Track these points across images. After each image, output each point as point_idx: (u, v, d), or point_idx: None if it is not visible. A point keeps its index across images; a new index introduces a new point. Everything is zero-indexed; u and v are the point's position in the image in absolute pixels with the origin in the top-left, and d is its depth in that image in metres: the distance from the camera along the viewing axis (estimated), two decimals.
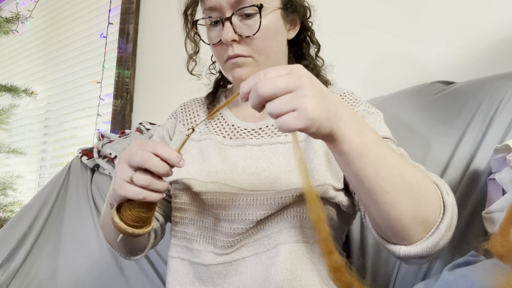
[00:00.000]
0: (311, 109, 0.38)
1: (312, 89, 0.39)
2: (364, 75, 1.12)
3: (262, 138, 0.67)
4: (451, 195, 0.48)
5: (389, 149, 0.46)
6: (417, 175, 0.46)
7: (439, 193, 0.48)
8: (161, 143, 0.49)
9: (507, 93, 0.73)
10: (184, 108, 0.79)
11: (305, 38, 0.74)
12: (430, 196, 0.46)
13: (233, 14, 0.62)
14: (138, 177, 0.48)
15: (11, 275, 1.12)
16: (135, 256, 0.69)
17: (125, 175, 0.48)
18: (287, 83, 0.39)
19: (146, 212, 0.51)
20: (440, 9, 1.01)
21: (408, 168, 0.46)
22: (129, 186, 0.48)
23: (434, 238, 0.46)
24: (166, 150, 0.48)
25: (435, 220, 0.46)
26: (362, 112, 0.65)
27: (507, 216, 0.38)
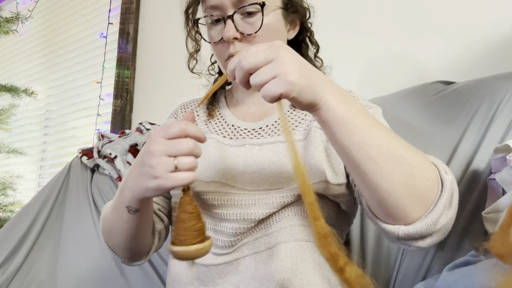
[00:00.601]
0: (290, 73, 0.41)
1: (289, 57, 0.42)
2: (363, 75, 1.12)
3: (262, 137, 0.67)
4: (450, 174, 0.47)
5: (376, 121, 0.46)
6: (408, 148, 0.46)
7: (436, 170, 0.47)
8: (183, 121, 0.48)
9: (507, 93, 0.73)
10: (184, 108, 0.79)
11: (304, 39, 0.74)
12: (425, 169, 0.45)
13: (235, 12, 0.62)
14: (183, 162, 0.46)
15: (11, 275, 1.12)
16: (139, 260, 0.68)
17: (169, 166, 0.46)
18: (266, 54, 0.42)
19: (199, 221, 0.47)
20: (440, 9, 1.01)
21: (398, 141, 0.46)
22: (176, 175, 0.46)
23: (433, 215, 0.45)
24: (194, 128, 0.47)
25: (433, 197, 0.45)
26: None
27: (507, 216, 0.38)
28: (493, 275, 0.34)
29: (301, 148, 0.63)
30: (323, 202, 0.61)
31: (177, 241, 0.46)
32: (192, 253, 0.45)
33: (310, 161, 0.60)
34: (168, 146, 0.46)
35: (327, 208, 0.62)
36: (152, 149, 0.47)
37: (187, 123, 0.47)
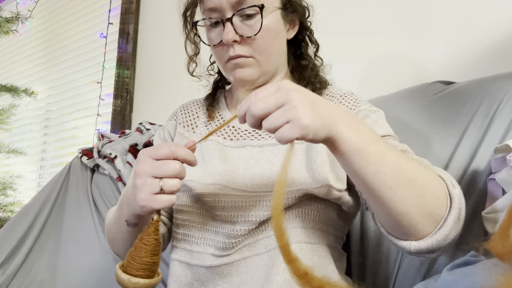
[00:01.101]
0: (304, 118, 0.40)
1: (300, 99, 0.41)
2: (363, 75, 1.12)
3: (263, 139, 0.67)
4: (457, 187, 0.49)
5: (388, 145, 0.46)
6: (419, 169, 0.47)
7: (445, 185, 0.48)
8: (174, 143, 0.49)
9: (507, 93, 0.73)
10: (184, 110, 0.79)
11: (304, 38, 0.74)
12: (435, 188, 0.46)
13: (234, 15, 0.62)
14: (168, 184, 0.47)
15: (11, 275, 1.12)
16: None
17: (154, 188, 0.47)
18: (276, 99, 0.41)
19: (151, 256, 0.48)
20: (440, 9, 1.01)
21: (409, 163, 0.46)
22: (160, 197, 0.47)
23: (443, 231, 0.46)
24: (184, 151, 0.48)
25: (442, 213, 0.46)
26: (364, 112, 0.65)
27: (507, 216, 0.38)
28: (493, 275, 0.34)
29: (303, 152, 0.63)
30: (325, 204, 0.61)
31: (125, 264, 0.47)
32: (127, 285, 0.46)
33: (312, 165, 0.60)
34: (154, 167, 0.47)
35: (328, 210, 0.61)
36: (138, 169, 0.48)
37: (176, 145, 0.48)
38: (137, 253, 0.47)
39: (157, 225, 0.49)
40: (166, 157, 0.47)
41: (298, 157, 0.62)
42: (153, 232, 0.48)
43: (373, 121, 0.64)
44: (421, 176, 0.46)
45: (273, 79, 0.71)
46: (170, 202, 0.48)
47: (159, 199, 0.47)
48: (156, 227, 0.49)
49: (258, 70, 0.65)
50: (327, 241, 0.62)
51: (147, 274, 0.47)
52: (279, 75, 0.72)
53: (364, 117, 0.64)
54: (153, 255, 0.48)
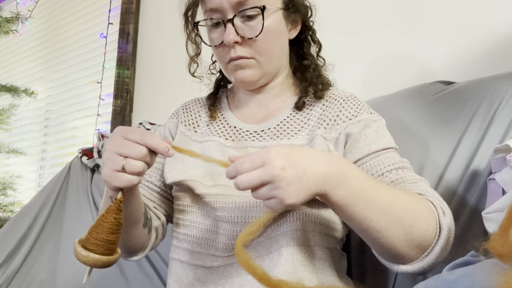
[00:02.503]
0: (288, 198, 0.43)
1: (286, 178, 0.42)
2: (364, 75, 1.12)
3: (264, 140, 0.67)
4: (448, 214, 0.51)
5: (378, 190, 0.48)
6: (409, 207, 0.48)
7: (435, 215, 0.50)
8: (149, 132, 0.49)
9: (507, 93, 0.73)
10: (186, 108, 0.78)
11: (306, 38, 0.74)
12: (424, 222, 0.49)
13: (235, 16, 0.61)
14: (130, 164, 0.47)
15: (11, 275, 1.12)
16: (135, 255, 0.68)
17: (117, 165, 0.47)
18: (261, 178, 0.43)
19: (109, 234, 0.49)
20: (440, 9, 1.01)
21: (399, 203, 0.48)
22: (121, 175, 0.48)
23: (430, 258, 0.49)
24: (154, 139, 0.48)
25: (430, 243, 0.49)
26: (365, 122, 0.64)
27: (507, 216, 0.38)
28: (493, 275, 0.34)
29: None
30: (325, 206, 0.61)
31: (84, 239, 0.48)
32: (79, 257, 0.47)
33: None
34: (121, 145, 0.48)
35: (329, 212, 0.61)
36: (107, 144, 0.49)
37: (150, 134, 0.48)
38: (95, 229, 0.48)
39: (118, 204, 0.49)
40: (136, 142, 0.48)
41: None
42: (113, 210, 0.49)
43: (373, 130, 0.63)
44: (410, 214, 0.48)
45: (275, 79, 0.71)
46: (130, 182, 0.48)
47: (119, 177, 0.48)
48: (117, 206, 0.49)
49: (259, 71, 0.65)
50: (327, 244, 0.62)
51: (101, 250, 0.48)
52: (281, 76, 0.71)
53: (365, 127, 0.63)
54: (110, 233, 0.48)
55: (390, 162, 0.59)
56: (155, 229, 0.69)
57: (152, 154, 0.49)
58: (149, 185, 0.73)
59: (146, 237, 0.67)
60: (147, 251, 0.69)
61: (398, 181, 0.57)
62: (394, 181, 0.57)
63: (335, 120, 0.65)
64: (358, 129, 0.63)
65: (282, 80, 0.72)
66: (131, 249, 0.66)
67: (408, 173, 0.58)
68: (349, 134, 0.63)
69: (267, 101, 0.72)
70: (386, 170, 0.58)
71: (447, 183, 0.74)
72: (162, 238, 0.74)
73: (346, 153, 0.63)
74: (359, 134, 0.62)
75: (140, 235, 0.64)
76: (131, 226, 0.61)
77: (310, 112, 0.68)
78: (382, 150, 0.61)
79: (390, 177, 0.58)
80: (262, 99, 0.72)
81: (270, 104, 0.71)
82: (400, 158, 0.61)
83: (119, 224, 0.49)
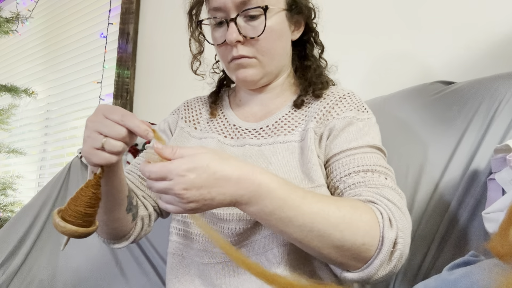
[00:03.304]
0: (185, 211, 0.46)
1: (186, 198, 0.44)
2: (364, 75, 1.12)
3: (262, 138, 0.67)
4: (395, 226, 0.49)
5: (298, 208, 0.47)
6: (339, 222, 0.47)
7: (378, 229, 0.48)
8: (130, 113, 0.49)
9: (507, 93, 0.73)
10: (187, 105, 0.79)
11: (309, 39, 0.74)
12: (359, 237, 0.47)
13: (238, 15, 0.62)
14: (109, 143, 0.48)
15: (11, 275, 1.12)
16: (118, 242, 0.66)
17: (96, 143, 0.48)
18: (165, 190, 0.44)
19: (87, 207, 0.50)
20: (441, 9, 1.01)
21: (325, 219, 0.47)
22: (100, 153, 0.48)
23: (369, 271, 0.48)
24: (134, 121, 0.48)
25: (369, 255, 0.48)
26: (349, 119, 0.63)
27: (507, 216, 0.38)
28: (493, 275, 0.34)
29: (298, 149, 0.63)
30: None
31: (63, 210, 0.50)
32: (56, 226, 0.49)
33: (308, 164, 0.60)
34: (102, 124, 0.48)
35: None
36: (88, 121, 0.49)
37: (131, 116, 0.48)
38: (73, 201, 0.49)
39: (97, 180, 0.50)
40: (116, 122, 0.48)
41: (295, 155, 0.62)
42: (92, 185, 0.50)
43: (357, 128, 0.62)
44: (340, 230, 0.47)
45: (277, 79, 0.71)
46: (108, 161, 0.48)
47: (98, 155, 0.48)
48: (96, 181, 0.50)
49: (260, 71, 0.66)
50: None
51: (78, 222, 0.49)
52: (283, 76, 0.72)
53: (349, 124, 0.62)
54: (87, 206, 0.49)
55: (362, 163, 0.58)
56: (141, 218, 0.68)
57: (132, 135, 0.49)
58: (140, 174, 0.72)
59: (130, 224, 0.65)
60: (130, 240, 0.67)
61: (359, 184, 0.55)
62: (356, 183, 0.56)
63: (326, 116, 0.65)
64: (341, 125, 0.62)
65: (284, 80, 0.72)
66: (113, 233, 0.65)
67: (375, 177, 0.56)
68: (332, 129, 0.63)
69: (268, 101, 0.72)
70: (353, 171, 0.57)
71: (447, 183, 0.74)
72: (149, 230, 0.72)
73: (326, 148, 0.62)
74: (342, 130, 0.62)
75: (122, 219, 0.63)
76: (113, 206, 0.60)
77: (308, 110, 0.68)
78: (360, 148, 0.59)
79: (354, 178, 0.56)
80: (263, 98, 0.72)
81: (270, 103, 0.72)
82: (376, 161, 0.58)
83: (97, 198, 0.50)
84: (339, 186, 0.58)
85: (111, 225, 0.62)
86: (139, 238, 0.69)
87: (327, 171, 0.62)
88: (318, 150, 0.62)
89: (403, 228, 0.49)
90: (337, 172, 0.59)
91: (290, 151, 0.63)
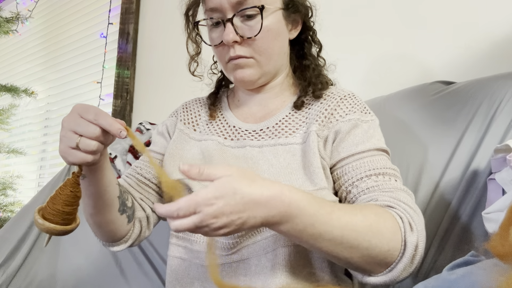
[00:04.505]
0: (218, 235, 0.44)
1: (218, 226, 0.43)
2: (364, 75, 1.12)
3: (262, 139, 0.67)
4: (416, 230, 0.50)
5: (328, 224, 0.47)
6: (366, 232, 0.48)
7: (401, 232, 0.49)
8: (103, 112, 0.49)
9: (507, 93, 0.73)
10: (186, 107, 0.79)
11: (306, 38, 0.74)
12: (385, 242, 0.48)
13: (235, 15, 0.62)
14: (84, 142, 0.48)
15: (11, 275, 1.12)
16: (117, 245, 0.66)
17: (71, 142, 0.48)
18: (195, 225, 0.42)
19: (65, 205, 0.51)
20: (441, 9, 1.01)
21: (353, 231, 0.47)
22: (75, 152, 0.49)
23: (393, 274, 0.49)
24: (107, 120, 0.48)
25: (393, 260, 0.49)
26: (354, 121, 0.63)
27: (507, 216, 0.38)
28: (493, 275, 0.34)
29: (300, 152, 0.63)
30: None
31: (43, 209, 0.50)
32: (36, 224, 0.49)
33: (310, 167, 0.60)
34: (76, 124, 0.48)
35: None
36: (64, 121, 0.49)
37: (104, 115, 0.49)
38: (52, 200, 0.50)
39: (75, 178, 0.51)
40: (90, 121, 0.48)
41: (296, 158, 0.62)
42: (70, 184, 0.51)
43: (363, 131, 0.62)
44: (368, 239, 0.48)
45: (275, 79, 0.71)
46: (83, 160, 0.49)
47: (73, 154, 0.49)
48: (74, 180, 0.51)
49: (258, 71, 0.65)
50: None
51: (57, 220, 0.50)
52: (281, 76, 0.72)
53: (354, 126, 0.63)
54: (65, 205, 0.50)
55: (372, 166, 0.58)
56: (138, 220, 0.68)
57: (107, 134, 0.50)
58: (138, 177, 0.72)
59: (126, 226, 0.65)
60: (129, 243, 0.67)
61: (373, 189, 0.56)
62: (370, 188, 0.57)
63: (329, 118, 0.65)
64: (346, 128, 0.62)
65: (282, 80, 0.72)
66: (109, 235, 0.65)
67: (387, 180, 0.57)
68: (337, 132, 0.63)
69: (267, 101, 0.72)
70: (365, 175, 0.58)
71: (447, 183, 0.74)
72: (148, 233, 0.71)
73: (333, 151, 0.62)
74: (348, 133, 0.62)
75: (116, 220, 0.62)
76: (103, 207, 0.60)
77: (308, 111, 0.68)
78: (368, 151, 0.60)
79: (367, 183, 0.57)
80: (262, 98, 0.72)
81: (269, 103, 0.71)
82: (385, 163, 0.59)
83: (75, 197, 0.51)
84: (351, 191, 0.59)
85: (105, 227, 0.63)
86: (139, 241, 0.69)
87: (336, 174, 0.62)
88: (323, 153, 0.62)
89: (422, 231, 0.51)
90: (348, 176, 0.59)
91: (292, 153, 0.63)
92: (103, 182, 0.57)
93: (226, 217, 0.42)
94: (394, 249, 0.49)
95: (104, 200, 0.59)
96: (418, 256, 0.50)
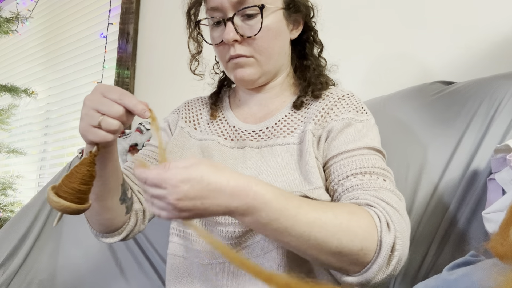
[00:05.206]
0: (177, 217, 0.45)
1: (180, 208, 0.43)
2: (364, 75, 1.12)
3: (261, 140, 0.67)
4: (393, 230, 0.48)
5: (294, 218, 0.46)
6: (337, 231, 0.47)
7: (376, 233, 0.48)
8: (128, 93, 0.49)
9: (507, 93, 0.73)
10: (188, 106, 0.79)
11: (308, 38, 0.74)
12: (357, 243, 0.47)
13: (235, 14, 0.62)
14: (106, 121, 0.48)
15: (11, 275, 1.13)
16: (110, 236, 0.65)
17: (93, 120, 0.48)
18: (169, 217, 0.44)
19: (81, 184, 0.50)
20: (441, 9, 1.01)
21: (322, 228, 0.46)
22: (97, 131, 0.49)
23: (367, 275, 0.48)
24: (131, 100, 0.48)
25: (368, 260, 0.48)
26: (347, 120, 0.63)
27: (507, 216, 0.38)
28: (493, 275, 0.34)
29: (296, 151, 0.63)
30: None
31: (57, 187, 0.50)
32: (50, 202, 0.49)
33: (306, 167, 0.60)
34: (99, 103, 0.48)
35: None
36: (86, 99, 0.49)
37: (129, 95, 0.49)
38: (68, 178, 0.50)
39: (92, 158, 0.51)
40: (114, 101, 0.48)
41: (294, 157, 0.62)
42: (86, 163, 0.50)
43: (356, 130, 0.62)
44: (337, 238, 0.47)
45: (275, 79, 0.71)
46: (104, 139, 0.49)
47: (95, 132, 0.49)
48: (91, 159, 0.51)
49: (258, 70, 0.65)
50: None
51: (71, 198, 0.49)
52: (281, 75, 0.72)
53: (347, 125, 0.62)
54: (81, 183, 0.50)
55: (360, 165, 0.57)
56: (135, 213, 0.67)
57: (129, 114, 0.50)
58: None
59: (124, 217, 0.64)
60: (123, 235, 0.66)
61: (356, 187, 0.55)
62: (354, 186, 0.55)
63: (325, 117, 0.64)
64: (339, 127, 0.62)
65: (283, 80, 0.72)
66: (106, 224, 0.64)
67: (373, 179, 0.56)
68: (330, 131, 0.62)
69: (267, 101, 0.72)
70: (351, 173, 0.57)
71: (447, 183, 0.74)
72: (143, 227, 0.71)
73: (324, 150, 0.62)
74: (340, 132, 0.62)
75: (115, 209, 0.62)
76: (106, 192, 0.59)
77: (307, 111, 0.68)
78: (358, 150, 0.59)
79: (352, 181, 0.56)
80: (262, 98, 0.72)
81: (270, 103, 0.71)
82: (375, 162, 0.58)
83: (91, 176, 0.51)
84: (337, 189, 0.58)
85: (104, 214, 0.61)
86: (133, 234, 0.68)
87: (326, 173, 0.61)
88: (316, 152, 0.62)
89: (402, 231, 0.49)
90: (335, 175, 0.59)
91: (289, 153, 0.63)
92: (111, 167, 0.57)
93: (189, 201, 0.42)
94: (368, 249, 0.47)
95: (108, 185, 0.59)
96: (396, 257, 0.48)
